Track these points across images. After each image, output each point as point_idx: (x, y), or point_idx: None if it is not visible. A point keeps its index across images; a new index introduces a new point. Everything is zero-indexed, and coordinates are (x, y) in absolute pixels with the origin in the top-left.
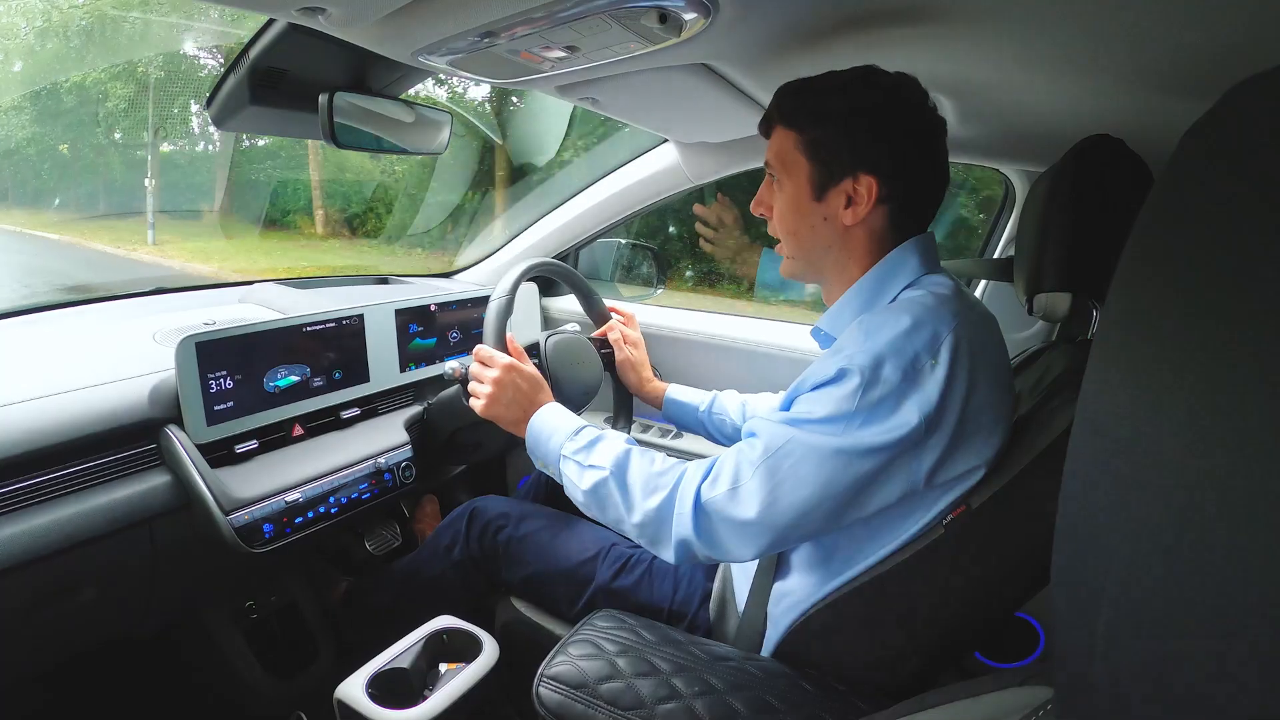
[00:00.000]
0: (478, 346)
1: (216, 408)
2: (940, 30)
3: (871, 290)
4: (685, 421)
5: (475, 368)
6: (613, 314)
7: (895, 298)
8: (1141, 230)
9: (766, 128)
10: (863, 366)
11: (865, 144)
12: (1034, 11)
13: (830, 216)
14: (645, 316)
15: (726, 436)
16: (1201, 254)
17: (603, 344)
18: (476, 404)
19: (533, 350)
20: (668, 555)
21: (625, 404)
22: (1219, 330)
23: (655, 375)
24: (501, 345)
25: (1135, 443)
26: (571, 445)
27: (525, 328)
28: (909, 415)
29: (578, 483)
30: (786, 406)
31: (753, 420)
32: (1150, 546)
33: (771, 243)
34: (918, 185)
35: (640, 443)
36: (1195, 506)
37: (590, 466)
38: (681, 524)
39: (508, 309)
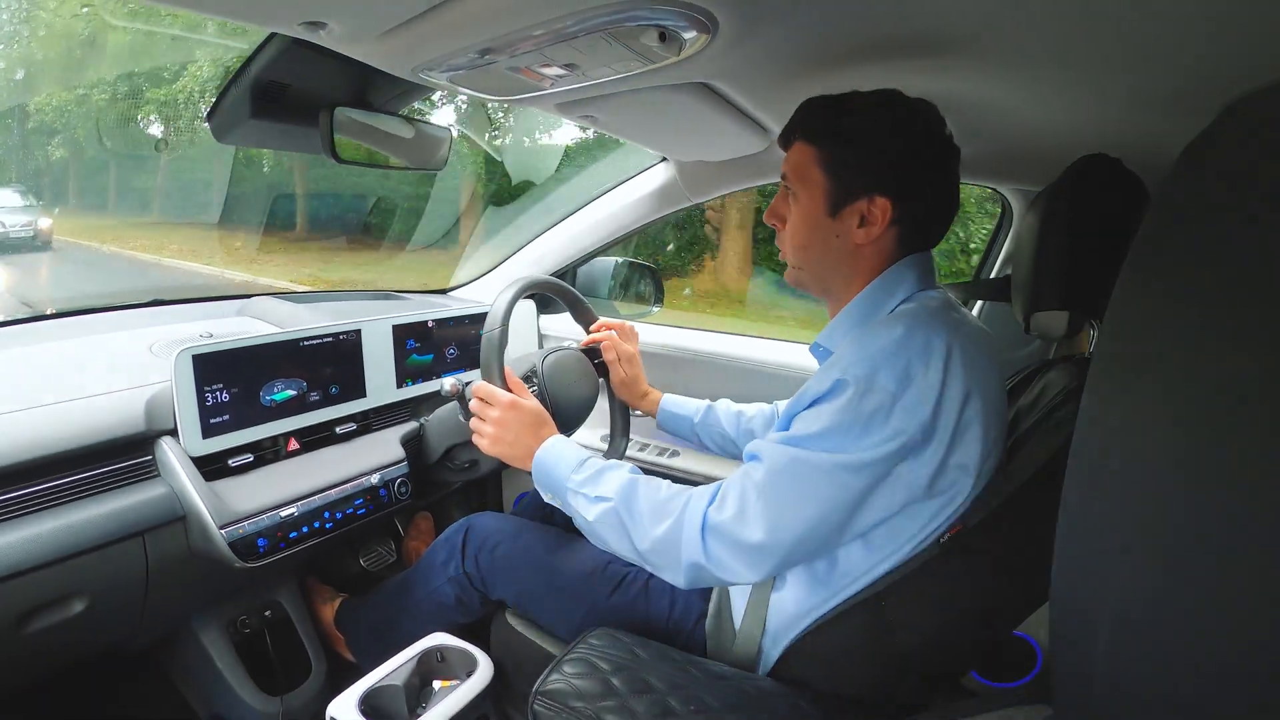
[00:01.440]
0: (476, 384)
1: (212, 421)
2: (940, 53)
3: (868, 306)
4: (680, 430)
5: (476, 405)
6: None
7: (891, 312)
8: (1139, 247)
9: (786, 140)
10: (858, 377)
11: (883, 167)
12: (1033, 36)
13: (843, 234)
14: (642, 335)
15: (719, 446)
16: (1199, 269)
17: (594, 353)
18: (481, 443)
19: (529, 377)
20: (678, 580)
21: (622, 419)
22: (1217, 345)
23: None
24: (500, 380)
25: (1133, 460)
26: (577, 477)
27: (522, 348)
28: (905, 423)
29: (586, 514)
30: (785, 425)
31: (755, 443)
32: (1148, 564)
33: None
34: (930, 209)
35: (636, 461)
36: (1192, 524)
37: (597, 498)
38: (690, 549)
39: (503, 340)
